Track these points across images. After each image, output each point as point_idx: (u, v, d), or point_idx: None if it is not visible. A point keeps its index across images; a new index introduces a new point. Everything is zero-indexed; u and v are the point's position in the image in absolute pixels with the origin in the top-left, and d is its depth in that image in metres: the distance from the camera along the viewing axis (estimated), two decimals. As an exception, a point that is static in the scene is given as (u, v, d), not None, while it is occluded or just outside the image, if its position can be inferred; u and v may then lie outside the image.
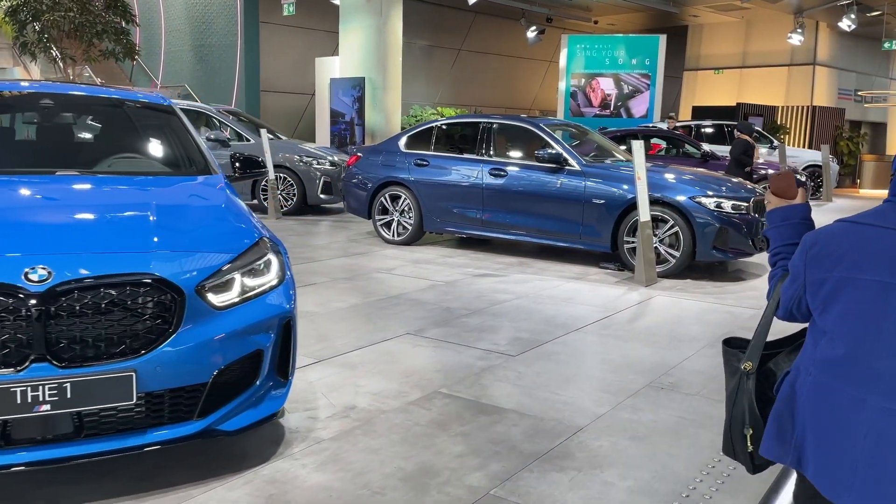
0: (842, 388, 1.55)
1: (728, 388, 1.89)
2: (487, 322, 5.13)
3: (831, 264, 1.58)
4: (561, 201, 7.46)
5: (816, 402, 1.59)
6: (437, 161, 8.27)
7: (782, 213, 1.92)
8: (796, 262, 1.68)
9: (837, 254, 1.58)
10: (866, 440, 1.49)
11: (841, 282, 1.55)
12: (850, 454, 1.51)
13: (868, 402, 1.50)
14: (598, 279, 6.85)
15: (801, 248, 1.67)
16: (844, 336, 1.55)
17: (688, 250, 6.87)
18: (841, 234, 1.61)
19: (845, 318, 1.55)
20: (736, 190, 7.15)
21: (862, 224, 1.59)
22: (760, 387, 1.83)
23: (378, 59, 15.04)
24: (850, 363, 1.54)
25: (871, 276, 1.51)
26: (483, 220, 7.95)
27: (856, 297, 1.53)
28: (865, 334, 1.51)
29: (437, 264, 7.36)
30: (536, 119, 8.03)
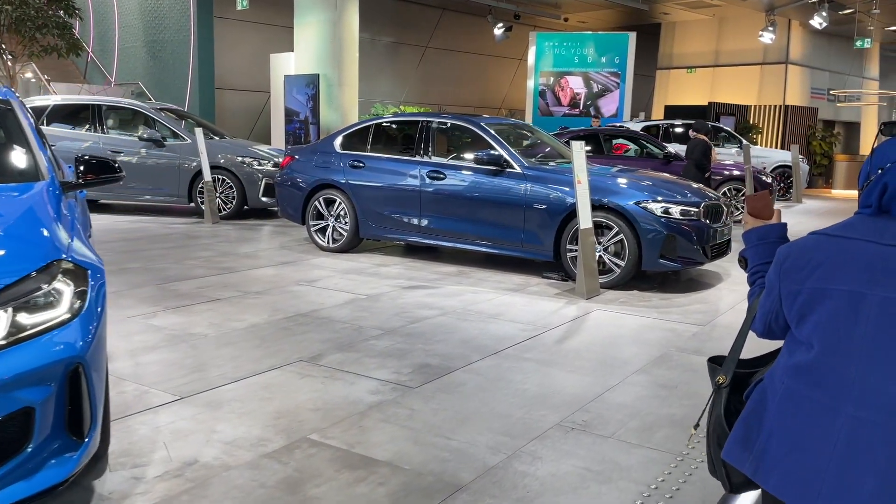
0: (814, 396, 1.57)
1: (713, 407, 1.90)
2: (398, 345, 4.58)
3: (804, 276, 1.61)
4: (501, 206, 6.93)
5: (787, 410, 1.61)
6: (374, 162, 7.71)
7: (759, 233, 1.96)
8: (771, 275, 1.71)
9: (810, 266, 1.61)
10: (837, 448, 1.50)
11: (814, 293, 1.59)
12: (820, 462, 1.52)
13: (840, 411, 1.52)
14: (537, 291, 6.33)
15: (775, 261, 1.70)
16: (818, 345, 1.57)
17: (633, 259, 6.37)
18: (813, 246, 1.64)
19: (819, 328, 1.57)
20: (685, 194, 6.66)
21: (833, 236, 1.63)
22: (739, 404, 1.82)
23: (333, 55, 14.46)
24: (823, 372, 1.56)
25: (843, 286, 1.55)
26: (421, 227, 7.41)
27: (828, 308, 1.56)
28: (838, 343, 1.54)
29: (368, 275, 6.80)
30: (477, 118, 7.50)
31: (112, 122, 10.91)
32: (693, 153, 10.43)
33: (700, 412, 2.07)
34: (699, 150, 10.35)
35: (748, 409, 1.71)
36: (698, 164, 10.38)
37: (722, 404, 1.85)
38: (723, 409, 1.84)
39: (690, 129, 10.95)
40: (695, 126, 10.89)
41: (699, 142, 10.41)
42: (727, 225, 6.91)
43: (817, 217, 13.23)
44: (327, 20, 14.27)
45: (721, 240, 6.77)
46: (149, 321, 4.94)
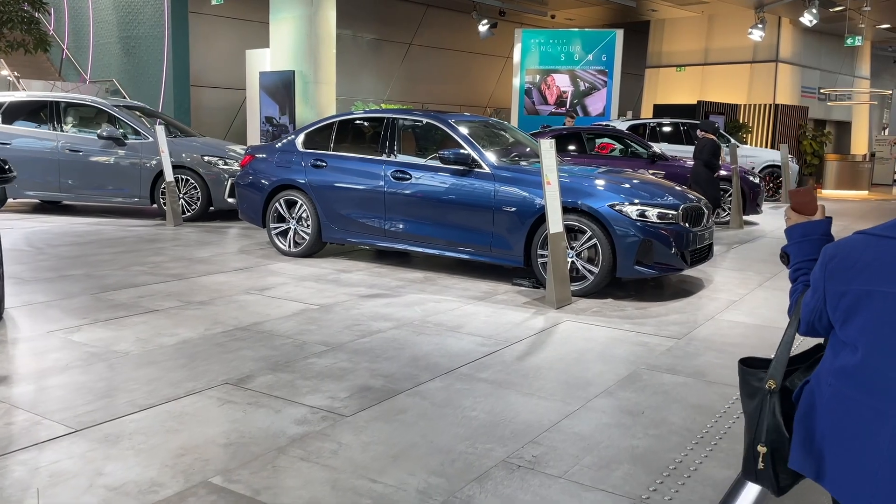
0: (862, 399, 1.55)
1: (747, 409, 1.86)
2: (340, 363, 4.16)
3: (851, 277, 1.58)
4: (469, 208, 6.51)
5: (836, 412, 1.60)
6: (336, 161, 7.28)
7: (802, 230, 1.92)
8: (816, 274, 1.68)
9: (857, 266, 1.58)
10: (886, 452, 1.49)
11: (861, 294, 1.56)
12: (871, 465, 1.51)
13: (889, 414, 1.49)
14: (504, 300, 5.92)
15: (820, 260, 1.68)
16: (864, 347, 1.55)
17: (607, 266, 5.96)
18: (860, 246, 1.60)
19: (865, 330, 1.55)
20: (664, 197, 6.25)
21: (881, 236, 1.59)
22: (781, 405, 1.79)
23: (309, 52, 14.02)
24: (869, 374, 1.54)
25: (890, 288, 1.52)
26: (386, 230, 6.98)
27: (875, 309, 1.53)
28: (884, 346, 1.52)
29: (326, 282, 6.37)
30: (446, 115, 7.08)
31: (72, 119, 10.44)
32: (702, 153, 10.21)
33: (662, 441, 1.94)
34: (708, 150, 10.15)
35: (801, 412, 1.71)
36: (708, 164, 10.18)
37: (779, 410, 1.77)
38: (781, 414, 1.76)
39: (698, 129, 10.70)
40: (702, 125, 10.62)
41: (707, 141, 10.20)
42: (709, 228, 6.51)
43: (806, 218, 12.85)
44: (303, 15, 13.83)
45: (702, 244, 6.37)
46: (70, 336, 4.50)
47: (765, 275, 7.31)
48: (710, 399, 3.78)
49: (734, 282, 6.95)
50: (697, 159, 10.36)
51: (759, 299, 6.22)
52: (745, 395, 1.90)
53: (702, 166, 10.28)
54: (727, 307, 5.90)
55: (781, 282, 6.97)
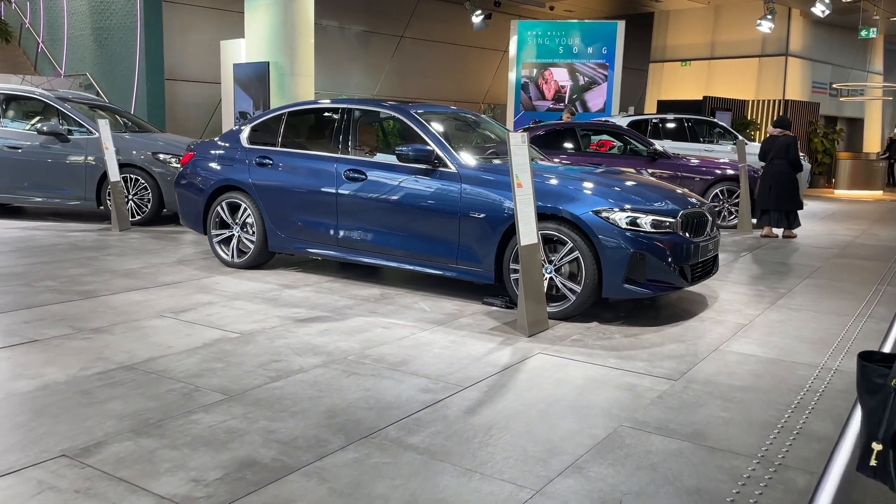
0: None
1: (866, 406, 1.74)
2: (231, 421, 3.20)
3: None
4: (431, 214, 5.56)
5: None
6: (283, 159, 6.33)
7: None
8: None
9: None
10: None
11: None
12: None
13: None
14: (469, 324, 4.96)
15: None
16: None
17: (592, 283, 4.99)
18: None
19: None
20: (660, 201, 5.28)
21: None
22: None
23: (285, 42, 13.07)
24: None
25: None
26: (338, 239, 6.03)
27: None
28: None
29: (263, 301, 5.42)
30: (409, 105, 6.11)
31: (14, 113, 9.51)
32: (789, 152, 9.60)
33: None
34: (794, 149, 9.60)
35: None
36: (794, 165, 9.64)
37: None
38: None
39: (772, 126, 9.96)
40: (778, 122, 9.92)
41: (791, 139, 9.64)
42: (713, 238, 5.54)
43: (820, 220, 11.85)
44: (278, 3, 12.89)
45: (705, 257, 5.39)
46: None
47: (778, 290, 6.33)
48: (713, 479, 2.82)
49: (742, 299, 5.97)
50: (779, 159, 9.60)
51: (773, 323, 5.24)
52: (865, 391, 1.77)
53: (785, 166, 9.58)
54: (734, 334, 4.92)
55: (798, 299, 5.99)
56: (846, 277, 7.04)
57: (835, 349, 4.63)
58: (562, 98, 19.09)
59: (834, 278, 6.98)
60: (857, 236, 10.10)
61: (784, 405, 3.61)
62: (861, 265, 7.78)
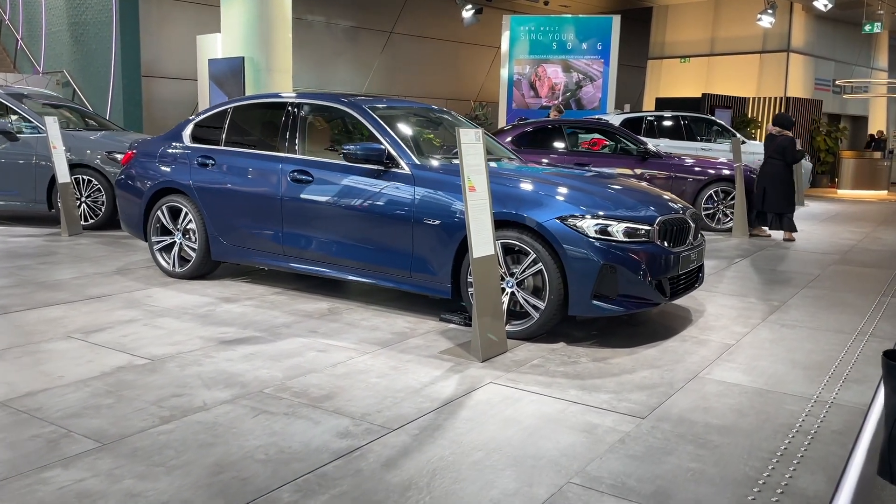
0: None
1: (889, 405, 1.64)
2: (90, 481, 2.63)
3: None
4: (382, 221, 4.99)
5: None
6: (226, 159, 5.77)
7: None
8: None
9: None
10: None
11: None
12: None
13: None
14: (418, 346, 4.38)
15: None
16: None
17: (557, 299, 4.42)
18: None
19: None
20: (635, 206, 4.70)
21: None
22: None
23: (261, 36, 12.51)
24: None
25: None
26: (284, 248, 5.47)
27: None
28: None
29: (192, 318, 4.86)
30: (361, 99, 5.54)
31: (-38, 110, 8.97)
32: (787, 154, 9.15)
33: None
34: (791, 149, 9.13)
35: None
36: (790, 163, 9.20)
37: None
38: None
39: (772, 125, 9.49)
40: (777, 121, 9.41)
41: (789, 140, 9.16)
42: (697, 247, 4.96)
43: (822, 222, 11.25)
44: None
45: (687, 268, 4.81)
46: None
47: (771, 303, 5.74)
48: (670, 561, 2.24)
49: (731, 314, 5.39)
50: (774, 159, 9.20)
51: (763, 343, 4.66)
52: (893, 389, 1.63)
53: (780, 166, 9.16)
54: (718, 357, 4.34)
55: (792, 313, 5.41)
56: (847, 287, 6.46)
57: (831, 376, 4.05)
58: (557, 96, 18.52)
59: (834, 288, 6.40)
60: (859, 240, 9.51)
61: (768, 452, 3.03)
62: (863, 273, 7.19)
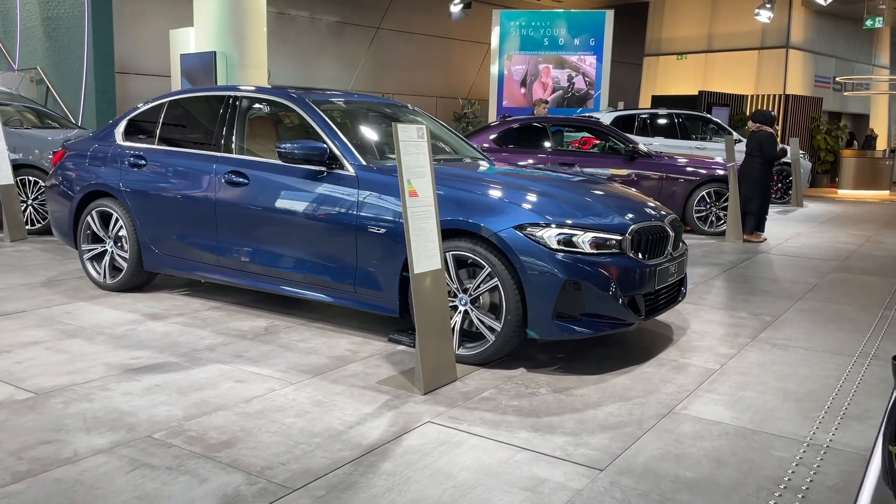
0: None
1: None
2: None
3: None
4: (323, 228, 4.43)
5: None
6: (158, 158, 5.21)
7: None
8: None
9: None
10: None
11: None
12: None
13: None
14: (356, 374, 3.83)
15: None
16: None
17: (515, 320, 3.86)
18: None
19: None
20: (605, 213, 4.13)
21: None
22: None
23: (234, 30, 11.95)
24: None
25: None
26: (219, 258, 4.91)
27: None
28: None
29: (106, 338, 4.30)
30: (304, 92, 4.97)
31: None
32: (762, 150, 8.78)
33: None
34: (769, 146, 8.74)
35: None
36: (769, 162, 8.82)
37: None
38: None
39: (750, 122, 9.15)
40: (756, 116, 9.04)
41: (765, 135, 8.76)
42: (677, 258, 4.39)
43: (820, 225, 10.69)
44: (227, -12, 11.77)
45: (666, 282, 4.25)
46: None
47: (763, 318, 5.18)
48: None
49: (717, 331, 4.83)
50: (752, 156, 8.86)
51: (751, 368, 4.10)
52: None
53: (756, 163, 8.80)
54: (698, 386, 3.78)
55: (786, 331, 4.85)
56: (847, 299, 5.90)
57: (828, 411, 3.49)
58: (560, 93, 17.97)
59: (832, 300, 5.84)
60: (860, 244, 8.94)
61: (752, 496, 2.48)
62: (865, 282, 6.63)
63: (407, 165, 3.55)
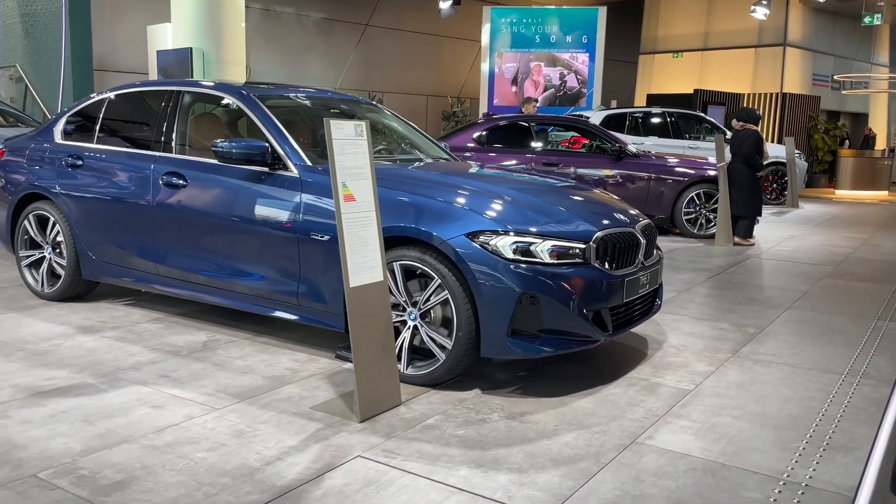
0: None
1: None
2: None
3: None
4: (264, 235, 4.07)
5: None
6: (95, 159, 4.84)
7: None
8: None
9: None
10: None
11: None
12: None
13: None
14: (290, 397, 3.46)
15: None
16: None
17: (467, 337, 3.49)
18: None
19: None
20: (568, 220, 3.76)
21: None
22: None
23: (211, 26, 11.59)
24: None
25: None
26: (158, 267, 4.54)
27: None
28: None
29: (25, 355, 3.94)
30: (250, 86, 4.60)
31: None
32: (742, 148, 8.44)
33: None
34: (750, 144, 8.37)
35: None
36: (750, 162, 8.39)
37: None
38: None
39: (735, 120, 8.88)
40: (740, 115, 8.78)
41: (750, 133, 8.43)
42: (650, 268, 4.02)
43: (814, 227, 10.32)
44: (203, -18, 11.41)
45: (636, 294, 3.88)
46: None
47: (746, 329, 4.81)
48: None
49: (696, 345, 4.46)
50: (736, 156, 8.51)
51: (729, 389, 3.73)
52: None
53: (742, 165, 8.43)
54: (668, 410, 3.42)
55: (770, 344, 4.48)
56: (838, 308, 5.53)
57: (810, 440, 3.12)
58: (551, 91, 17.60)
59: (823, 309, 5.47)
60: (856, 247, 8.58)
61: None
62: (859, 289, 6.26)
63: (342, 166, 3.18)
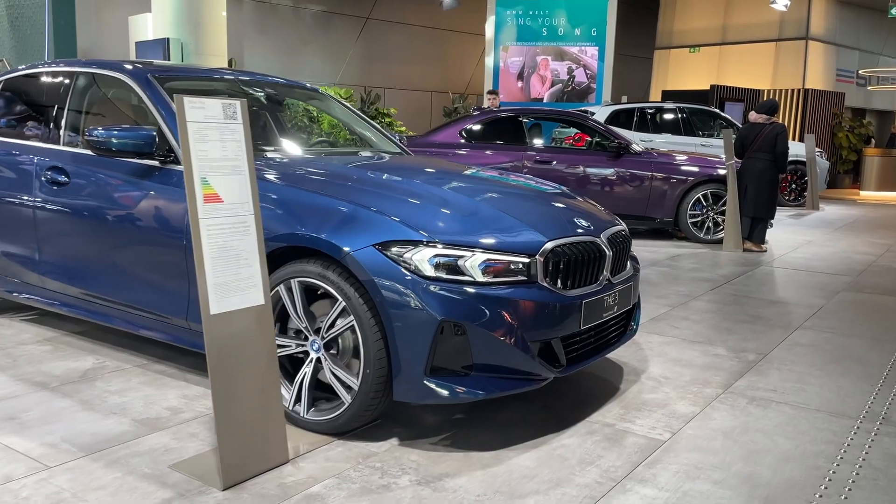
0: None
1: None
2: None
3: None
4: (149, 243, 3.36)
5: None
6: (-18, 154, 4.17)
7: None
8: None
9: None
10: None
11: None
12: None
13: None
14: (151, 449, 2.75)
15: None
16: None
17: (378, 373, 2.75)
18: None
19: None
20: (513, 228, 3.00)
21: None
22: None
23: (190, 16, 10.96)
24: None
25: None
26: (42, 277, 3.86)
27: None
28: None
29: None
30: (151, 67, 3.88)
31: None
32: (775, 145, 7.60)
33: None
34: (783, 140, 7.55)
35: None
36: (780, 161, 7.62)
37: None
38: None
39: (752, 112, 7.88)
40: (760, 108, 7.80)
41: (780, 128, 7.62)
42: (620, 286, 3.25)
43: (835, 231, 9.45)
44: (182, -31, 10.78)
45: (600, 318, 3.11)
46: None
47: (745, 357, 4.03)
48: None
49: (682, 377, 3.69)
50: (761, 152, 7.61)
51: (713, 440, 2.96)
52: None
53: (768, 162, 7.59)
54: (632, 470, 2.66)
55: (772, 377, 3.70)
56: (856, 328, 4.72)
57: (812, 522, 2.35)
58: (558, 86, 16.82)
59: (838, 330, 4.66)
60: (880, 255, 7.73)
61: None
62: (881, 304, 5.44)
63: (201, 157, 2.46)
